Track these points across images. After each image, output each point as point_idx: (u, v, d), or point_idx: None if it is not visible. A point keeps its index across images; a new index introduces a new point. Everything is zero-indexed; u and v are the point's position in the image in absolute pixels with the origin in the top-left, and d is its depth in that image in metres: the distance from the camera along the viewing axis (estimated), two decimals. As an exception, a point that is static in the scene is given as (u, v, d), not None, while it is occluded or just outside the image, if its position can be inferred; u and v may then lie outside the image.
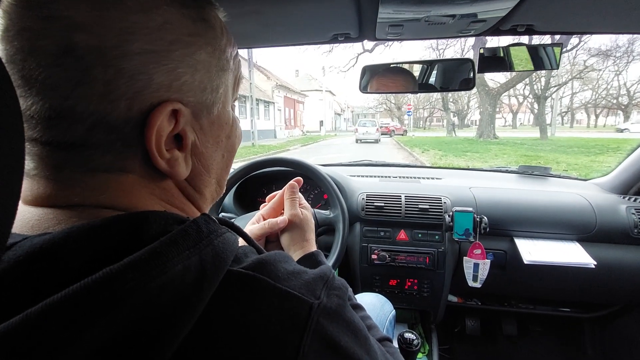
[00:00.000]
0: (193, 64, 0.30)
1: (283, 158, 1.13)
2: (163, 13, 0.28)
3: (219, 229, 0.29)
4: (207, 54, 0.31)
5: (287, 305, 0.27)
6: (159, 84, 0.28)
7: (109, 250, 0.24)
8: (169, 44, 0.28)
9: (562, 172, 2.06)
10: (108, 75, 0.26)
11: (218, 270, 0.26)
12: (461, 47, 19.88)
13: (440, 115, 42.12)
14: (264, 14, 0.73)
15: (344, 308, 0.31)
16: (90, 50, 0.25)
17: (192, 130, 0.31)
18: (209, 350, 0.24)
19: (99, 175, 0.28)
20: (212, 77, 0.32)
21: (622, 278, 1.14)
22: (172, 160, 0.30)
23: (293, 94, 31.73)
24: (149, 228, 0.26)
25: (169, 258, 0.23)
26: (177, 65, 0.29)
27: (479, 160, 9.16)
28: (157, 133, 0.28)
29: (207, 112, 0.33)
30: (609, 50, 21.00)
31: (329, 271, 0.34)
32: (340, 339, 0.28)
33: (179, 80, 0.29)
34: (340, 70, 24.04)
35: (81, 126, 0.26)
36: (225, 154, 0.37)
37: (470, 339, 1.60)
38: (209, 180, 0.36)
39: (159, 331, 0.22)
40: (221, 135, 0.35)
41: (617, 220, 1.15)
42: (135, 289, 0.21)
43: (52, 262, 0.23)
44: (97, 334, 0.20)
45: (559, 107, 33.90)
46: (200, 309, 0.24)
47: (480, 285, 1.17)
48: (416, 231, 1.23)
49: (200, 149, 0.33)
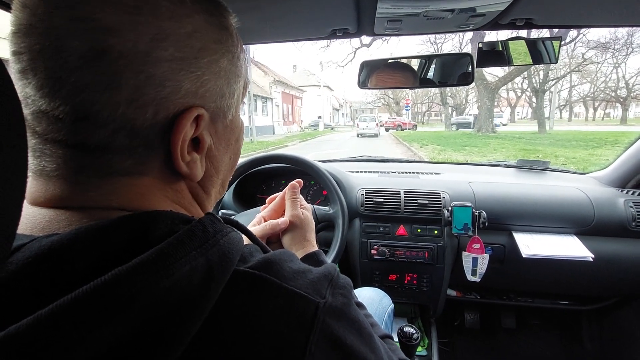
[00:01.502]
0: (217, 71, 0.31)
1: (282, 155, 1.13)
2: (193, 21, 0.28)
3: (225, 228, 0.29)
4: (228, 62, 0.32)
5: (294, 305, 0.27)
6: (187, 91, 0.28)
7: (116, 251, 0.24)
8: (197, 52, 0.29)
9: (561, 166, 2.07)
10: (138, 81, 0.26)
11: (225, 270, 0.26)
12: (459, 41, 19.80)
13: (439, 110, 42.07)
14: (262, 9, 0.73)
15: (349, 307, 0.31)
16: (122, 55, 0.25)
17: (209, 134, 0.32)
18: (216, 351, 0.24)
19: (116, 178, 0.28)
20: (230, 83, 0.33)
21: (620, 271, 1.15)
22: (191, 163, 0.31)
23: (291, 90, 31.62)
24: (156, 228, 0.26)
25: (176, 259, 0.23)
26: (204, 72, 0.29)
27: (478, 154, 9.16)
28: (182, 138, 0.29)
29: (224, 116, 0.34)
30: (608, 43, 21.00)
31: (333, 270, 0.34)
32: (346, 337, 0.28)
33: (205, 87, 0.30)
34: (338, 65, 23.87)
35: (106, 130, 0.26)
36: (232, 156, 0.38)
37: (470, 333, 1.61)
38: (216, 181, 0.37)
39: (167, 332, 0.22)
40: (231, 139, 0.36)
41: (615, 214, 1.16)
42: (144, 290, 0.21)
43: (60, 263, 0.23)
44: (106, 335, 0.20)
45: (558, 101, 33.89)
46: (207, 309, 0.24)
47: (479, 279, 1.18)
48: (415, 226, 1.24)
49: (214, 152, 0.34)
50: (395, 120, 27.99)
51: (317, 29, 0.86)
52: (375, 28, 0.83)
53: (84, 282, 0.21)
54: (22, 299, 0.22)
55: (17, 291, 0.22)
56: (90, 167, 0.27)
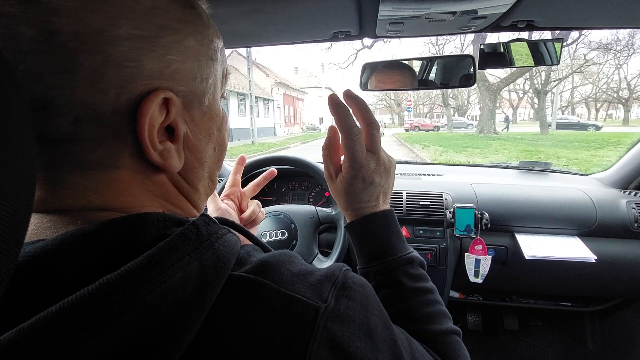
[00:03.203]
0: (183, 51, 0.29)
1: (285, 156, 1.13)
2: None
3: (220, 230, 0.28)
4: (197, 42, 0.30)
5: (292, 311, 0.25)
6: (150, 71, 0.27)
7: (105, 257, 0.23)
8: (158, 30, 0.27)
9: (563, 167, 2.06)
10: (95, 63, 0.24)
11: (219, 275, 0.25)
12: (461, 42, 19.82)
13: (440, 111, 42.05)
14: (265, 12, 0.73)
15: (355, 310, 0.28)
16: (74, 36, 0.23)
17: (184, 122, 0.30)
18: (212, 359, 0.23)
19: (90, 173, 0.27)
20: (202, 65, 0.31)
21: (623, 272, 1.15)
22: (164, 152, 0.29)
23: (292, 91, 31.65)
24: (146, 232, 0.25)
25: (168, 265, 0.22)
26: (167, 51, 0.28)
27: (480, 155, 9.15)
28: (149, 123, 0.27)
29: (199, 102, 0.32)
30: (610, 44, 20.94)
31: (338, 270, 0.31)
32: (350, 344, 0.26)
33: (170, 67, 0.28)
34: (340, 67, 24.01)
35: (67, 118, 0.25)
36: (216, 147, 0.36)
37: (472, 334, 1.61)
38: (202, 173, 0.35)
39: (160, 342, 0.21)
40: (212, 128, 0.34)
41: (617, 215, 1.16)
42: (134, 300, 0.20)
43: (46, 271, 0.22)
44: (94, 348, 0.19)
45: (560, 102, 33.80)
46: (202, 317, 0.23)
47: (481, 280, 1.18)
48: (417, 228, 1.24)
49: (193, 141, 0.32)
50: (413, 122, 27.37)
51: (320, 31, 0.87)
52: (377, 30, 0.83)
53: (71, 292, 0.19)
54: (6, 310, 0.20)
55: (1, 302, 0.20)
56: (58, 162, 0.26)
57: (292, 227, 1.05)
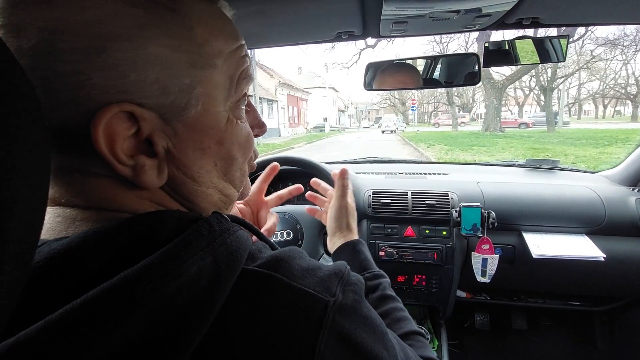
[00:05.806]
0: (143, 60, 0.26)
1: (289, 157, 1.14)
2: (102, 6, 0.25)
3: (232, 226, 0.29)
4: (167, 48, 0.27)
5: (303, 304, 0.27)
6: (100, 85, 0.25)
7: (125, 253, 0.24)
8: (105, 40, 0.25)
9: (570, 164, 2.04)
10: (47, 80, 0.24)
11: (232, 269, 0.26)
12: (465, 40, 19.68)
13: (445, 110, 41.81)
14: (268, 14, 0.74)
15: (360, 304, 0.30)
16: (25, 53, 0.24)
17: (164, 136, 0.29)
18: (225, 350, 0.24)
19: (83, 177, 0.28)
20: (178, 75, 0.28)
21: (632, 271, 1.13)
22: (137, 167, 0.28)
23: (296, 92, 31.69)
24: (163, 228, 0.26)
25: (184, 260, 0.23)
26: (120, 62, 0.25)
27: (486, 154, 9.08)
28: (108, 137, 0.26)
29: (179, 115, 0.29)
30: (617, 40, 20.61)
31: (344, 267, 0.33)
32: (357, 335, 0.28)
33: (125, 79, 0.26)
34: (343, 67, 23.92)
35: None
36: (218, 162, 0.33)
37: (480, 334, 1.60)
38: (200, 190, 0.32)
39: (176, 334, 0.22)
40: (206, 142, 0.31)
41: (626, 213, 1.14)
42: (152, 293, 0.21)
43: (71, 267, 0.23)
44: (115, 339, 0.20)
45: (566, 99, 33.44)
46: (216, 309, 0.24)
47: (489, 280, 1.17)
48: (423, 227, 1.23)
49: (178, 156, 0.30)
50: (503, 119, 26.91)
51: (323, 32, 0.87)
52: (380, 30, 0.83)
53: (94, 286, 0.21)
54: (35, 303, 0.22)
55: (27, 296, 0.21)
56: (55, 165, 0.27)
57: (297, 227, 1.05)
